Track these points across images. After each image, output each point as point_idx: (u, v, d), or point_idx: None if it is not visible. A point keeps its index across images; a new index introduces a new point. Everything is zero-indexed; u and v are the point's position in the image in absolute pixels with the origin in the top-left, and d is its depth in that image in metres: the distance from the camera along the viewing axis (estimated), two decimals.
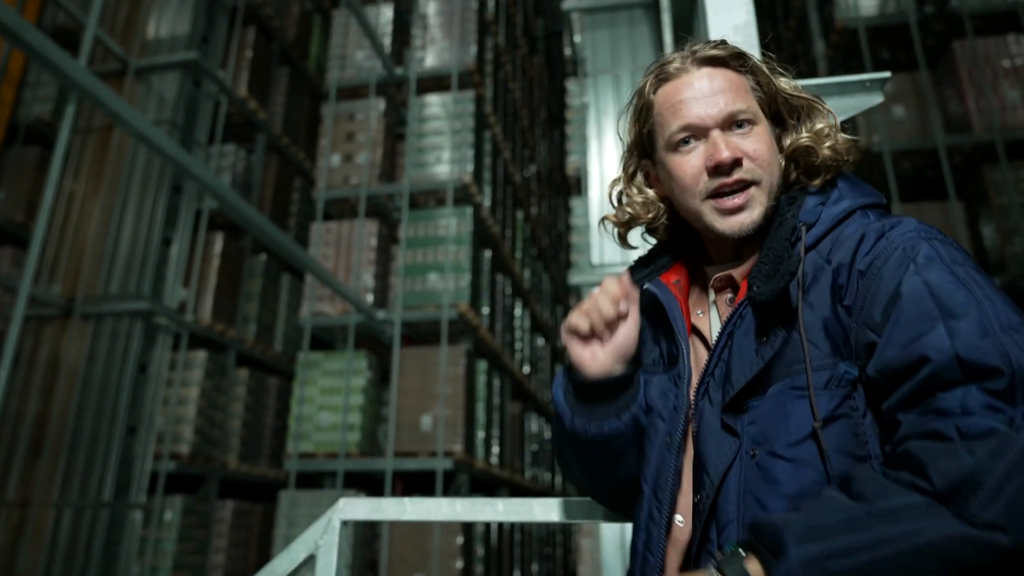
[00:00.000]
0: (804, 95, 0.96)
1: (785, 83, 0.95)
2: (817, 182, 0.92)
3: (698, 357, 0.95)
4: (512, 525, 6.16)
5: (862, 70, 5.76)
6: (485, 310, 5.78)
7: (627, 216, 1.03)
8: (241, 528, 5.54)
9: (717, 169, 0.88)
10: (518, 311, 7.23)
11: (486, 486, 5.96)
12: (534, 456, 7.50)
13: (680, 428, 0.89)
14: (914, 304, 0.72)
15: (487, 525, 5.25)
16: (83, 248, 4.86)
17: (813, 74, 6.26)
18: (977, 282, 0.73)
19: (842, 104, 1.16)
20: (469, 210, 5.50)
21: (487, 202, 5.95)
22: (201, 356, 5.42)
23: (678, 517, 0.89)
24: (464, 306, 5.18)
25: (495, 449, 5.72)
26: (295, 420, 5.18)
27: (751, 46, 1.17)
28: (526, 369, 7.35)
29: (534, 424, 7.64)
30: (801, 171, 0.94)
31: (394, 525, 4.76)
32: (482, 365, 5.56)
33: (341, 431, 5.00)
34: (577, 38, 8.80)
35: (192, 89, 5.25)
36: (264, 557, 5.55)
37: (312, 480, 5.19)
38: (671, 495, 0.88)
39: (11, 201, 6.07)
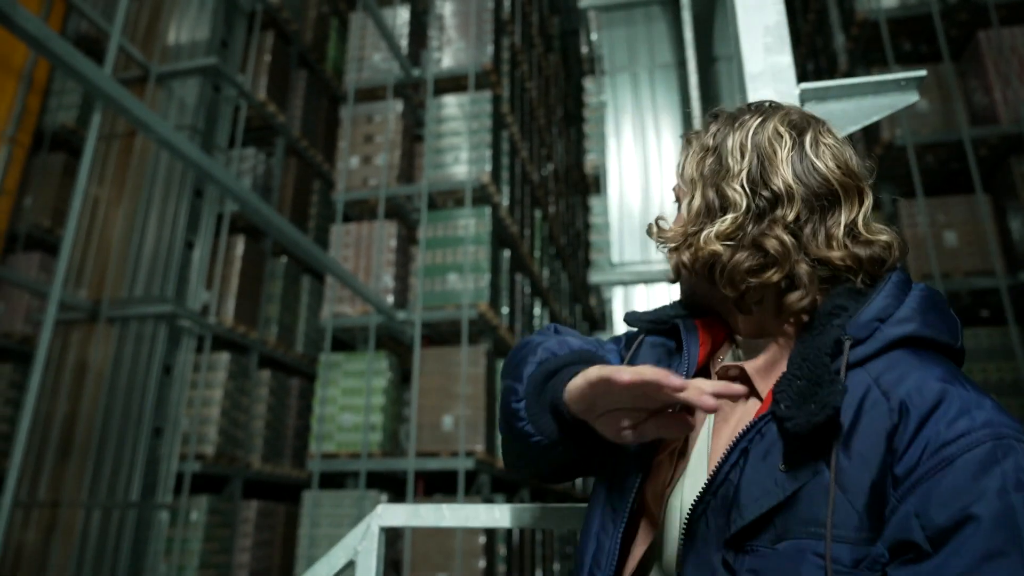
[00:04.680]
0: (814, 176, 0.78)
1: (795, 160, 0.79)
2: (858, 281, 0.77)
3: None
4: None
5: (883, 63, 5.68)
6: (505, 310, 5.78)
7: None
8: (265, 528, 5.60)
9: None
10: (537, 310, 7.22)
11: (507, 485, 5.97)
12: None
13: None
14: (991, 534, 0.60)
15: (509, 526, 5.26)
16: (108, 252, 4.94)
17: (833, 68, 6.19)
18: None
19: (876, 103, 1.14)
20: (487, 210, 5.50)
21: (505, 201, 5.96)
22: (224, 358, 5.48)
23: None
24: (484, 306, 5.18)
25: None
26: (317, 421, 5.22)
27: (782, 47, 1.16)
28: None
29: None
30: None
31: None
32: (502, 365, 5.56)
33: (363, 431, 5.03)
34: (594, 36, 8.77)
35: (212, 94, 5.31)
36: (288, 556, 5.60)
37: (334, 480, 5.23)
38: None
39: (37, 207, 6.17)
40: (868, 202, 0.79)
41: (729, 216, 0.79)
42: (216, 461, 5.21)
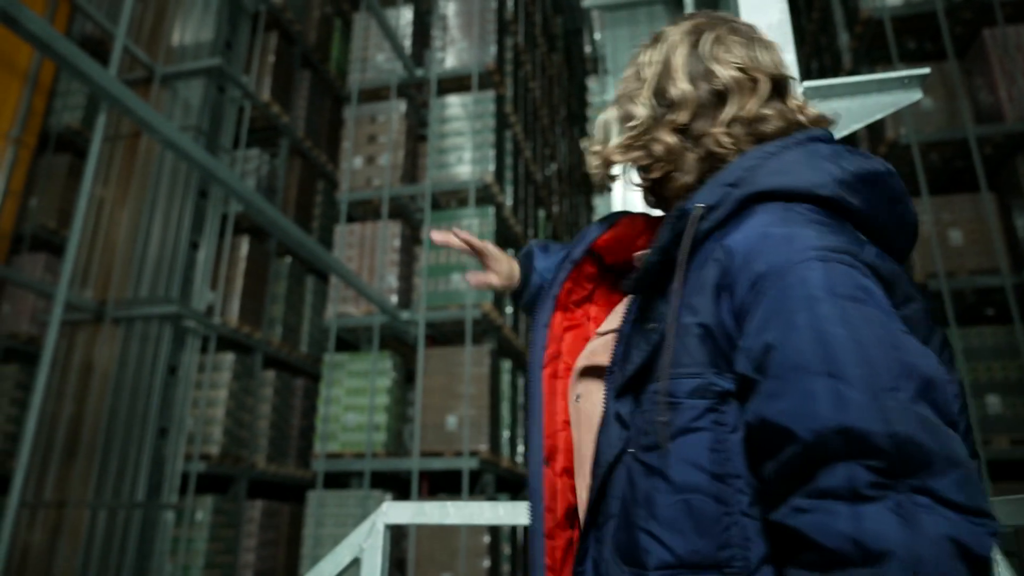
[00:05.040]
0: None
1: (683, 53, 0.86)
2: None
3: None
4: None
5: (888, 61, 5.65)
6: (508, 310, 5.79)
7: None
8: (270, 528, 5.61)
9: None
10: None
11: (512, 485, 5.97)
12: None
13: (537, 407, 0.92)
14: (794, 354, 0.63)
15: (514, 524, 5.26)
16: (113, 253, 4.95)
17: (837, 66, 6.17)
18: (870, 322, 0.63)
19: (880, 101, 1.14)
20: (491, 209, 5.51)
21: (509, 201, 5.96)
22: (229, 358, 5.49)
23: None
24: (487, 306, 5.18)
25: (520, 448, 5.73)
26: (321, 420, 5.23)
27: (785, 45, 1.16)
28: None
29: None
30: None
31: (422, 524, 4.79)
32: (506, 364, 5.57)
33: (367, 431, 5.04)
34: (597, 35, 8.76)
35: (216, 95, 5.32)
36: (293, 556, 5.61)
37: (339, 480, 5.24)
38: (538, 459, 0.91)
39: (43, 208, 6.20)
40: (763, 90, 0.82)
41: (629, 127, 0.88)
42: (221, 461, 5.23)
